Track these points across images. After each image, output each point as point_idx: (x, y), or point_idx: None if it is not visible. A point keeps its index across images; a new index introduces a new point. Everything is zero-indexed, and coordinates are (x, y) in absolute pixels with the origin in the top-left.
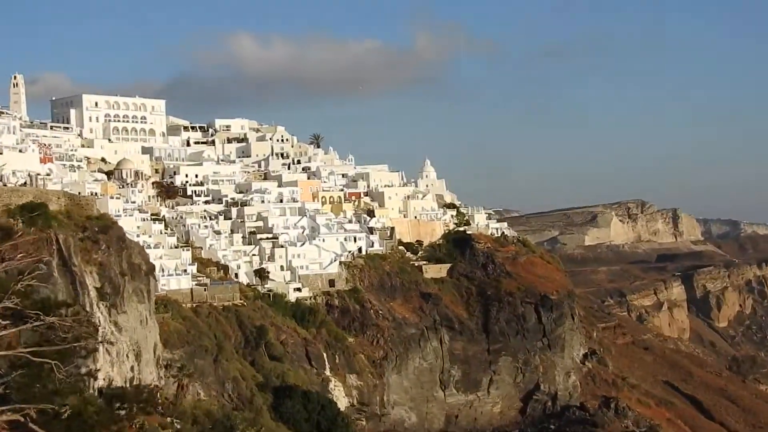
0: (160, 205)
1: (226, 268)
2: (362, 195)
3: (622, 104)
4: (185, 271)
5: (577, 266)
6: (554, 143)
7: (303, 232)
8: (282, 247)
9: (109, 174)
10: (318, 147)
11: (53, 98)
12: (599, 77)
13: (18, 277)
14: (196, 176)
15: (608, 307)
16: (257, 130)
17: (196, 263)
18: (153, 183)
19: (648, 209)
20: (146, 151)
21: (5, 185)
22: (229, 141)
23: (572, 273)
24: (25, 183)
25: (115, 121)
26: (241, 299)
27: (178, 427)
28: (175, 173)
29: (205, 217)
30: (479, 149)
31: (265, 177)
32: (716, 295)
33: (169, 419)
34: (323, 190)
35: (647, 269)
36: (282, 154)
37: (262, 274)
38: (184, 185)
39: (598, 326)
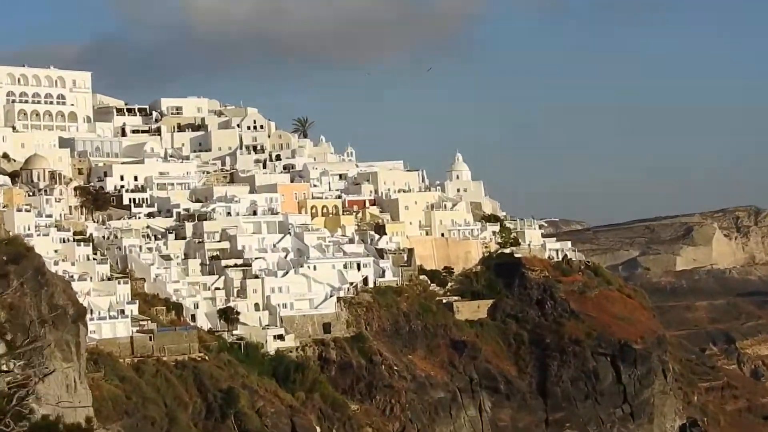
0: (86, 219)
1: (179, 308)
2: (368, 204)
3: (728, 68)
4: (122, 312)
5: (666, 300)
6: (633, 129)
7: (286, 257)
8: (257, 277)
9: (13, 176)
10: (305, 136)
11: None
12: (695, 35)
13: None
14: (136, 179)
15: (711, 357)
16: (219, 113)
17: (137, 301)
18: (75, 188)
19: (764, 219)
20: (65, 143)
21: None
22: (181, 128)
23: (659, 309)
24: None
25: (21, 101)
26: (201, 351)
27: None
28: (105, 174)
29: (148, 237)
30: (527, 138)
31: (232, 179)
32: None
33: None
34: (314, 197)
35: (764, 303)
36: (255, 147)
37: (229, 315)
38: (119, 192)
39: (699, 386)
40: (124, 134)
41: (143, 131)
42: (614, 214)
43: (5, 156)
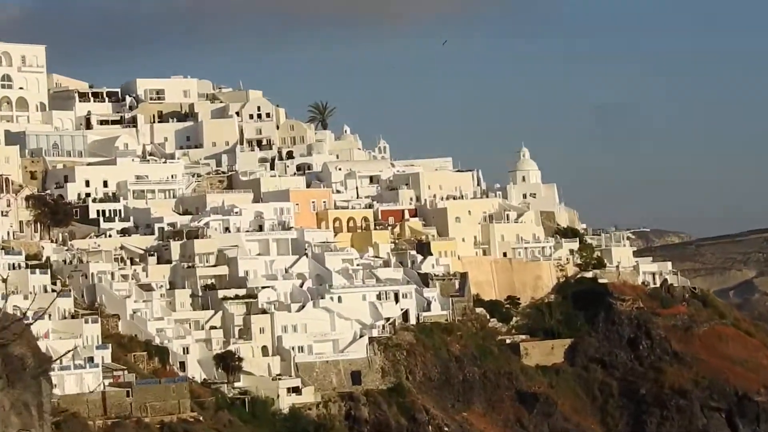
0: (42, 238)
1: (164, 354)
2: (407, 215)
3: None
4: (91, 360)
5: None
6: (747, 109)
7: (302, 286)
8: (264, 313)
9: None
10: (324, 127)
11: None
12: None
13: None
14: (105, 185)
15: None
16: (213, 98)
17: (109, 345)
18: (27, 198)
19: None
20: (13, 139)
21: None
22: (163, 118)
23: None
24: None
25: None
26: (193, 410)
27: None
28: (66, 179)
29: (122, 261)
30: (611, 126)
31: (231, 184)
32: None
33: None
34: (337, 207)
35: None
36: (260, 142)
37: (229, 362)
38: (84, 202)
39: None
40: (89, 126)
41: (114, 122)
42: (724, 224)
43: None
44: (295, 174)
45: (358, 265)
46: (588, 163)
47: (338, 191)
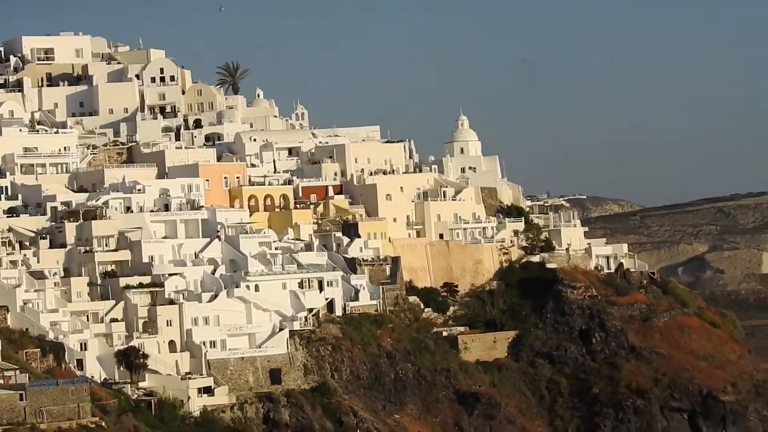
0: None
1: (59, 350)
2: (332, 191)
3: None
4: None
5: (747, 316)
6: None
7: (214, 273)
8: (171, 303)
9: None
10: (236, 92)
11: None
12: None
13: None
14: None
15: None
16: (110, 58)
17: None
18: None
19: None
20: None
21: None
22: (52, 82)
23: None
24: None
25: None
26: (94, 414)
27: None
28: None
29: (10, 245)
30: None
31: (131, 157)
32: None
33: None
34: (252, 184)
35: None
36: (163, 109)
37: (133, 360)
38: None
39: None
40: None
41: None
42: (672, 191)
43: None
44: (204, 145)
45: (276, 249)
46: (520, 125)
47: (253, 165)
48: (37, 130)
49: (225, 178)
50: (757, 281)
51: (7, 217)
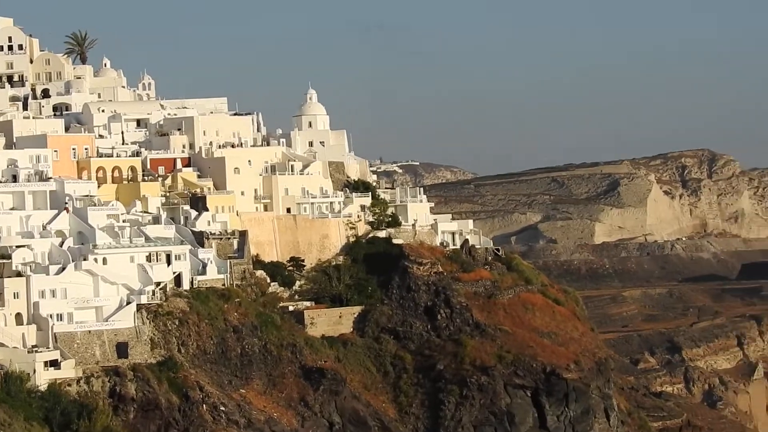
0: None
1: None
2: (180, 164)
3: None
4: None
5: (580, 287)
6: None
7: (61, 245)
8: (19, 276)
9: None
10: (84, 61)
11: None
12: None
13: None
14: None
15: (646, 373)
16: None
17: None
18: None
19: (722, 168)
20: None
21: None
22: None
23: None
24: None
25: None
26: None
27: None
28: None
29: None
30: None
31: None
32: None
33: None
34: (100, 155)
35: (722, 293)
36: (10, 78)
37: None
38: None
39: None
40: None
41: None
42: (505, 160)
43: None
44: (51, 116)
45: (124, 221)
46: (357, 89)
47: (101, 136)
48: None
49: (73, 149)
50: (590, 252)
51: None
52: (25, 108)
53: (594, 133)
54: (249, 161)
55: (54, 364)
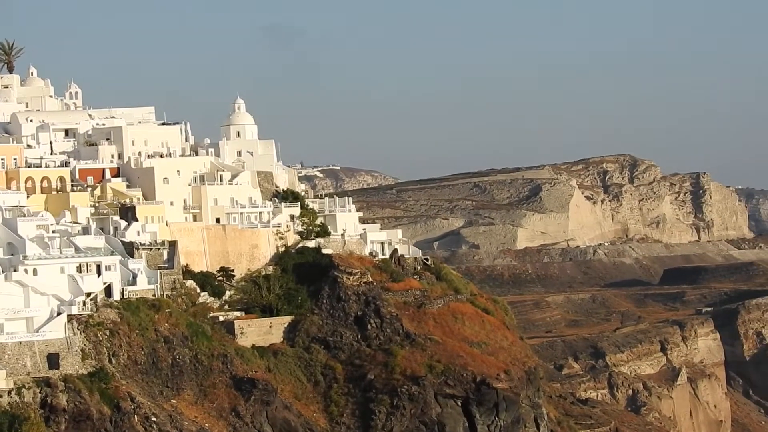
0: None
1: None
2: (109, 174)
3: None
4: None
5: (503, 292)
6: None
7: None
8: None
9: None
10: (11, 71)
11: None
12: None
13: None
14: None
15: (570, 378)
16: None
17: None
18: None
19: (643, 174)
20: None
21: None
22: None
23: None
24: None
25: None
26: None
27: None
28: None
29: None
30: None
31: None
32: None
33: None
34: (29, 165)
35: (644, 298)
36: None
37: None
38: None
39: None
40: None
41: None
42: (427, 165)
43: None
44: None
45: (54, 232)
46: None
47: (29, 146)
48: None
49: (2, 159)
50: (512, 257)
51: None
52: None
53: (514, 138)
54: (178, 171)
55: None
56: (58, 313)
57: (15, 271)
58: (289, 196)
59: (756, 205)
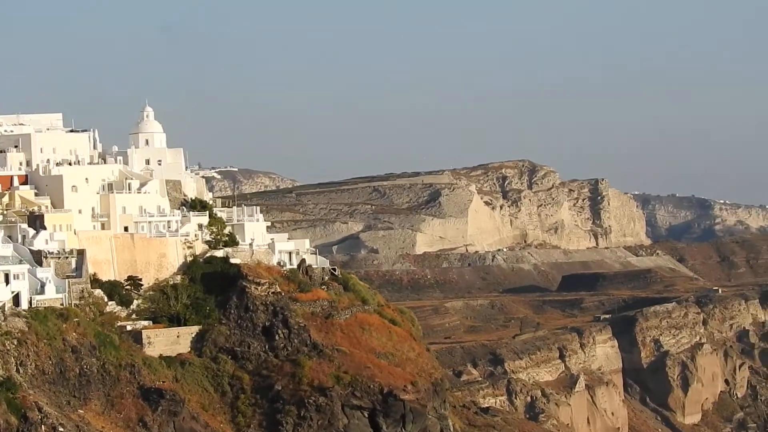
0: None
1: None
2: (17, 181)
3: None
4: None
5: (402, 297)
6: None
7: None
8: None
9: None
10: None
11: None
12: None
13: None
14: None
15: (469, 385)
16: None
17: None
18: None
19: (542, 180)
20: None
21: None
22: None
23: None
24: None
25: None
26: None
27: None
28: None
29: None
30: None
31: None
32: (679, 360)
33: None
34: None
35: (543, 305)
36: None
37: None
38: None
39: None
40: None
41: None
42: (327, 169)
43: None
44: None
45: None
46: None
47: None
48: None
49: None
50: (411, 262)
51: None
52: None
53: (415, 143)
54: (86, 179)
55: None
56: None
57: None
58: (197, 205)
59: (652, 211)
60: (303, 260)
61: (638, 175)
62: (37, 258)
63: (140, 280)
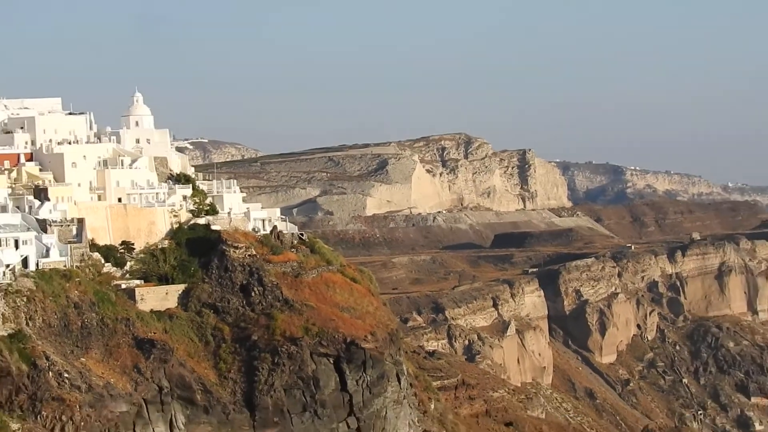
0: None
1: None
2: (23, 159)
3: None
4: None
5: (355, 254)
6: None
7: None
8: None
9: None
10: None
11: None
12: None
13: None
14: None
15: (414, 330)
16: None
17: None
18: None
19: (476, 150)
20: None
21: None
22: None
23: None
24: None
25: None
26: None
27: None
28: None
29: None
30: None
31: None
32: (597, 308)
33: None
34: None
35: (478, 260)
36: None
37: None
38: None
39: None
40: None
41: None
42: (287, 140)
43: None
44: None
45: None
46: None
47: None
48: None
49: None
50: (362, 223)
51: None
52: None
53: (365, 116)
54: (84, 156)
55: None
56: None
57: None
58: (182, 179)
59: (572, 177)
60: (275, 227)
61: (559, 145)
62: (42, 226)
63: (133, 244)
